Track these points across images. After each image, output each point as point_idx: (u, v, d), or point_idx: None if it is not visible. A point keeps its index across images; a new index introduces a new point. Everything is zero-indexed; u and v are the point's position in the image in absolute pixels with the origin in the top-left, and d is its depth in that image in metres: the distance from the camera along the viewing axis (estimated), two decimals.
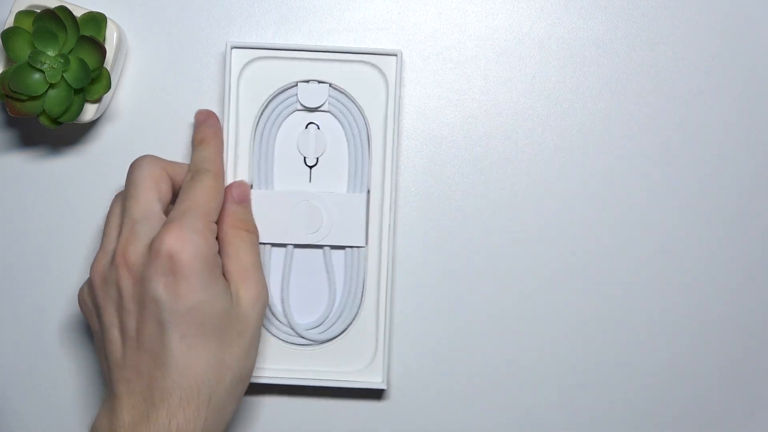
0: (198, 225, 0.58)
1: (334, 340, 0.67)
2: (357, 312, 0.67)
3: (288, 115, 0.67)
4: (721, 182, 0.69)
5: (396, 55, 0.66)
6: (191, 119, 0.69)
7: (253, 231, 0.63)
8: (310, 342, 0.67)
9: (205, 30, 0.69)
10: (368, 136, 0.67)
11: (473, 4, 0.69)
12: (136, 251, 0.57)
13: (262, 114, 0.66)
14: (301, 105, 0.67)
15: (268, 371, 0.67)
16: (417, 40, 0.69)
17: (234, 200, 0.62)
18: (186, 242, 0.57)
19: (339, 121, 0.67)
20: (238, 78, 0.66)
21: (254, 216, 0.64)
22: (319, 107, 0.67)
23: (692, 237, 0.69)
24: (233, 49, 0.66)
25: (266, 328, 0.67)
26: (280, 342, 0.67)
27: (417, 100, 0.69)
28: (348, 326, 0.67)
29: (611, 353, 0.69)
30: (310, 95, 0.66)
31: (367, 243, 0.67)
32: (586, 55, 0.69)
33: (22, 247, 0.69)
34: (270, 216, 0.66)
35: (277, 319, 0.67)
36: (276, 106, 0.66)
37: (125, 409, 0.56)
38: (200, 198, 0.60)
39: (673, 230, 0.69)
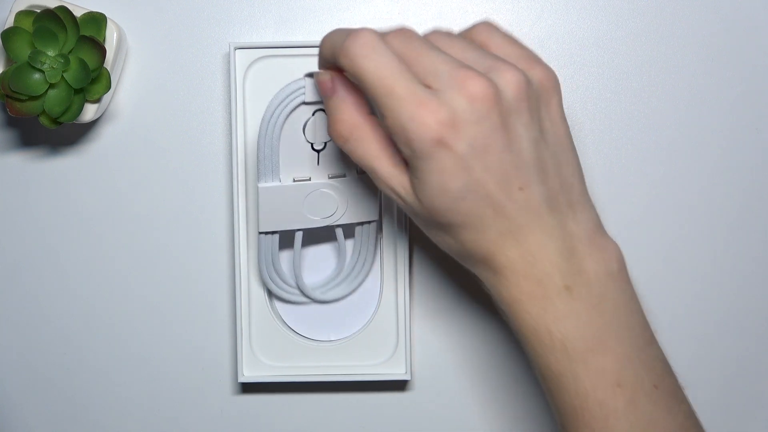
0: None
1: (354, 336, 0.67)
2: (366, 274, 0.67)
3: (295, 108, 0.63)
4: (722, 182, 0.69)
5: None
6: (190, 119, 0.69)
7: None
8: (315, 301, 0.67)
9: (205, 30, 0.69)
10: None
11: (473, 4, 0.69)
12: None
13: (268, 106, 0.63)
14: (308, 100, 0.62)
15: (291, 369, 0.67)
16: None
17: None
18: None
19: None
20: (243, 79, 0.66)
21: (263, 210, 0.63)
22: None
23: (692, 237, 0.69)
24: (237, 50, 0.66)
25: (275, 294, 0.67)
26: (301, 338, 0.68)
27: None
28: (358, 286, 0.67)
29: None
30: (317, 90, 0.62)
31: (380, 219, 0.67)
32: (586, 55, 0.69)
33: (22, 246, 0.69)
34: (278, 208, 0.64)
35: (285, 282, 0.67)
36: (283, 99, 0.62)
37: None
38: None
39: (673, 230, 0.69)
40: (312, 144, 0.63)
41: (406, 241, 0.67)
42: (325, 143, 0.63)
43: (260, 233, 0.64)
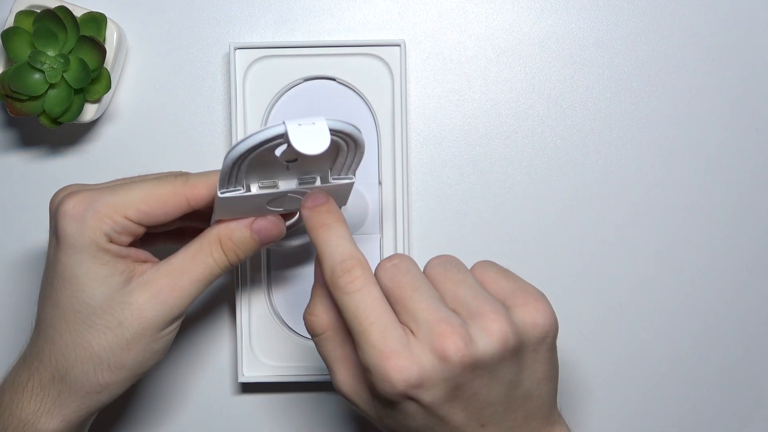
0: (105, 210, 0.55)
1: None
2: None
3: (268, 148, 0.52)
4: (721, 182, 0.69)
5: (399, 45, 0.66)
6: (190, 119, 0.69)
7: (208, 256, 0.57)
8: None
9: (205, 30, 0.69)
10: (377, 130, 0.67)
11: (473, 4, 0.69)
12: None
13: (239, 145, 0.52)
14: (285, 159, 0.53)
15: (291, 369, 0.67)
16: (417, 40, 0.69)
17: (247, 227, 0.57)
18: (79, 217, 0.55)
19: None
20: (243, 78, 0.66)
21: (219, 212, 0.56)
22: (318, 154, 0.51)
23: (692, 237, 0.69)
24: (237, 50, 0.66)
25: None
26: (301, 338, 0.67)
27: (417, 100, 0.69)
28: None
29: (612, 353, 0.69)
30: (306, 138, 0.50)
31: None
32: (586, 55, 0.69)
33: (22, 247, 0.69)
34: (241, 209, 0.57)
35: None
36: (258, 143, 0.51)
37: (18, 360, 0.59)
38: (135, 191, 0.56)
39: (673, 230, 0.69)
40: (287, 163, 0.54)
41: (405, 243, 0.67)
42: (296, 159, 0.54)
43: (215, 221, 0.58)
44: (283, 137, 0.50)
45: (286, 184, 0.55)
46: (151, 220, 0.56)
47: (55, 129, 0.68)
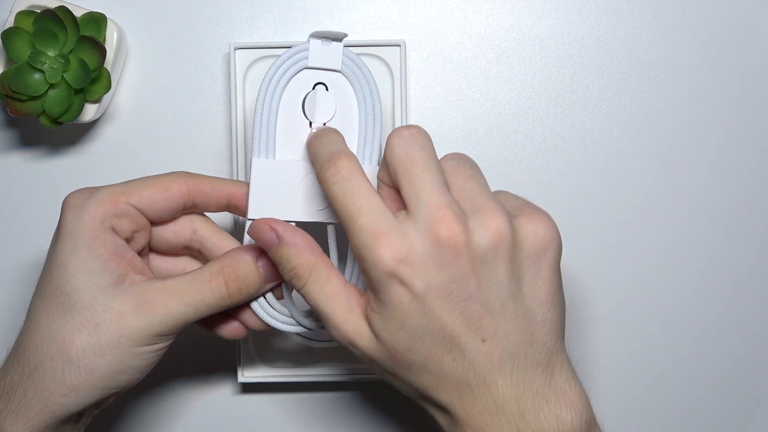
0: (107, 196, 0.55)
1: None
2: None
3: (297, 73, 0.59)
4: (721, 182, 0.69)
5: (399, 45, 0.66)
6: (190, 119, 0.69)
7: (205, 283, 0.56)
8: (311, 328, 0.61)
9: (206, 30, 0.69)
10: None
11: (473, 4, 0.69)
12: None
13: (265, 75, 0.59)
14: (312, 65, 0.59)
15: (291, 369, 0.67)
16: (417, 40, 0.69)
17: (253, 261, 0.56)
18: (80, 205, 0.55)
19: (350, 82, 0.59)
20: (243, 79, 0.66)
21: (253, 188, 0.58)
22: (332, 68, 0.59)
23: (692, 237, 0.69)
24: (237, 50, 0.66)
25: (268, 323, 0.60)
26: (301, 338, 0.67)
27: (417, 100, 0.69)
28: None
29: (611, 354, 0.70)
30: (322, 55, 0.59)
31: None
32: (586, 55, 0.69)
33: (22, 247, 0.69)
34: (270, 188, 0.58)
35: (272, 308, 0.60)
36: (281, 65, 0.59)
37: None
38: (138, 181, 0.56)
39: (672, 230, 0.69)
40: (311, 123, 0.58)
41: None
42: (325, 124, 0.58)
43: (249, 220, 0.58)
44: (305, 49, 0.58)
45: None
46: (154, 207, 0.56)
47: (55, 129, 0.68)
